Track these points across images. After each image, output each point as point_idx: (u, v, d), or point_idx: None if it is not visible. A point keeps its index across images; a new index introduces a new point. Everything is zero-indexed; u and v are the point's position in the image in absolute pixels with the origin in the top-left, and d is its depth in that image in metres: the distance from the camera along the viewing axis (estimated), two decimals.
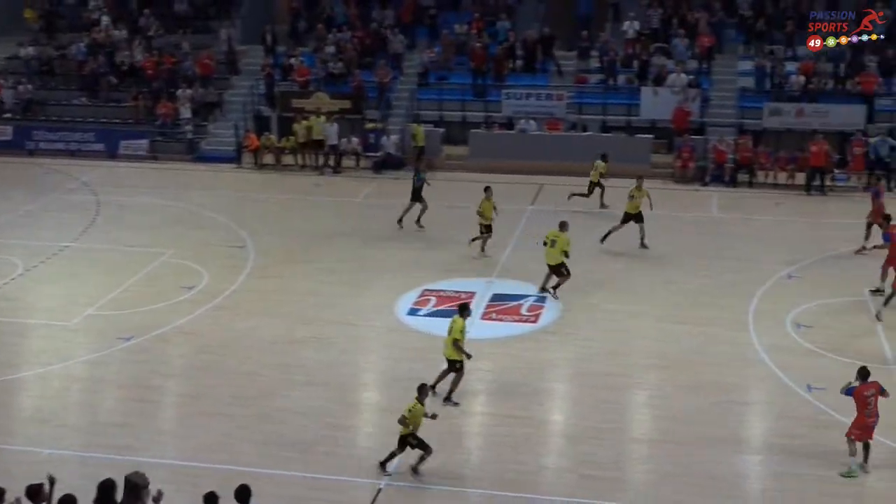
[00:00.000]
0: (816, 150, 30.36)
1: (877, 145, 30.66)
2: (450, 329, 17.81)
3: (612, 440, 16.83)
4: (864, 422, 15.66)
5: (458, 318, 17.82)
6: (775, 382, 18.78)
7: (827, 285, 23.12)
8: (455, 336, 17.65)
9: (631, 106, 34.45)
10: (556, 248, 22.25)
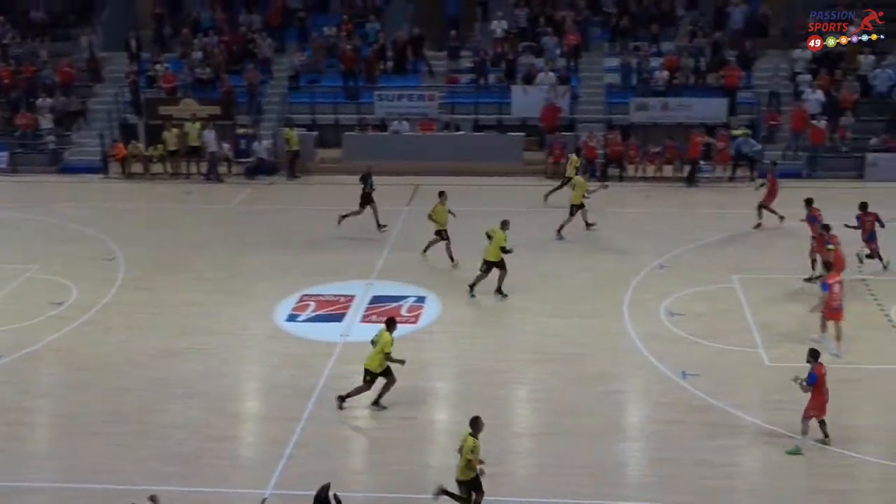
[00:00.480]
0: (697, 142, 31.27)
1: (739, 144, 31.71)
2: (374, 342, 17.54)
3: (496, 436, 16.87)
4: (822, 400, 16.25)
5: (385, 333, 17.47)
6: (651, 370, 19.23)
7: (696, 273, 23.78)
8: (385, 350, 17.36)
9: (502, 105, 34.82)
10: (492, 245, 22.20)
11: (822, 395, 16.27)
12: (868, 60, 33.51)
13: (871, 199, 24.47)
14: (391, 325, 17.73)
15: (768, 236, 26.43)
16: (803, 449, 16.18)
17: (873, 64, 33.46)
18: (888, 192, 26.80)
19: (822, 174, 31.43)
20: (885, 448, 16.45)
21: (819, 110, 32.23)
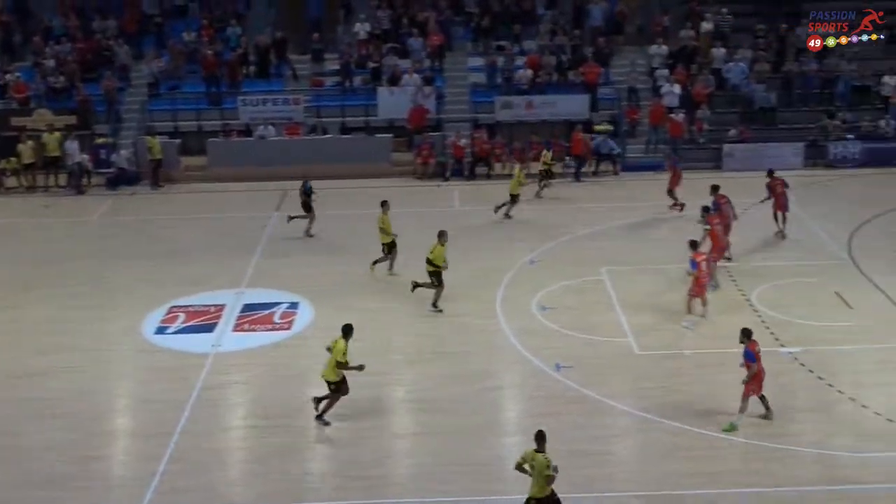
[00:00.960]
0: (578, 139, 31.78)
1: (598, 144, 32.38)
2: (329, 349, 17.19)
3: (374, 439, 16.89)
4: (761, 377, 16.81)
5: (340, 340, 17.06)
6: (526, 365, 19.45)
7: (567, 268, 24.16)
8: (337, 358, 16.98)
9: (368, 106, 34.74)
10: (431, 255, 21.81)
11: (759, 372, 16.88)
12: (720, 54, 34.67)
13: (729, 189, 25.32)
14: (347, 332, 17.22)
15: (634, 229, 27.06)
16: (738, 425, 16.74)
17: (725, 57, 34.62)
18: (745, 181, 27.72)
19: (682, 166, 32.26)
20: (752, 429, 17.00)
21: (677, 104, 33.19)
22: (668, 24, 36.13)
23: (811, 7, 36.50)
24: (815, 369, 18.85)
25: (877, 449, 16.23)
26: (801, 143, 32.39)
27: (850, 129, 32.94)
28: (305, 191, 26.86)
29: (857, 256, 24.43)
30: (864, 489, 15.23)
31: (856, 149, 32.24)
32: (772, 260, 24.19)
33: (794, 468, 15.85)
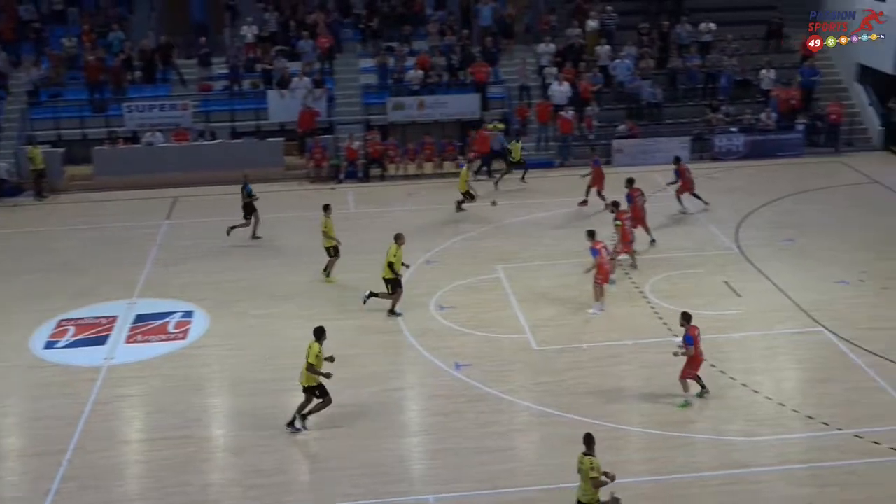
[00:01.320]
0: (484, 137, 31.88)
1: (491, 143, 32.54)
2: (306, 355, 16.89)
3: (274, 446, 16.70)
4: (700, 360, 17.40)
5: (314, 343, 16.82)
6: (426, 365, 19.48)
7: (463, 267, 24.27)
8: (309, 360, 16.70)
9: (259, 110, 34.31)
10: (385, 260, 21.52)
11: (699, 355, 17.34)
12: (606, 51, 35.26)
13: (619, 185, 25.79)
14: (319, 335, 16.97)
15: (528, 225, 27.32)
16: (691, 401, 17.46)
17: (612, 55, 35.23)
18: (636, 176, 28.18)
19: (574, 162, 32.79)
20: (649, 418, 17.35)
21: (566, 102, 33.62)
22: (556, 22, 36.58)
23: (693, 4, 37.61)
24: (707, 357, 19.26)
25: (767, 432, 16.73)
26: (687, 136, 33.16)
27: (734, 122, 33.86)
28: (247, 193, 26.52)
29: (745, 246, 25.12)
30: (757, 471, 15.68)
31: (739, 141, 33.14)
32: (663, 252, 24.69)
33: (691, 455, 16.22)
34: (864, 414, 17.17)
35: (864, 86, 34.85)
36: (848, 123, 34.04)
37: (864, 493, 14.99)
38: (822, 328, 20.41)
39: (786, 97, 33.95)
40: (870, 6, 33.48)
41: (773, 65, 35.00)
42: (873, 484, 15.24)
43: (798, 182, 30.29)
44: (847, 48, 35.23)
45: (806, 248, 24.97)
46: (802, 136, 33.34)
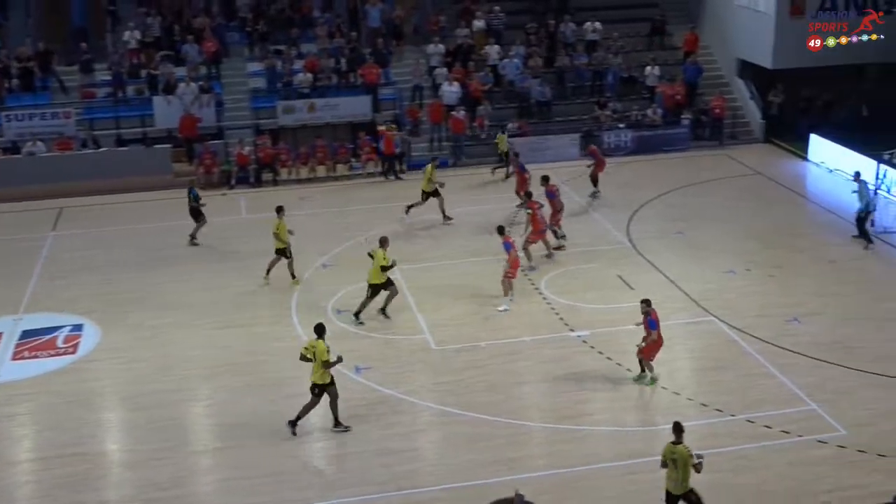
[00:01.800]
0: (389, 137, 31.74)
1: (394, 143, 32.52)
2: (307, 358, 16.82)
3: (172, 458, 16.36)
4: (660, 343, 18.07)
5: (319, 342, 16.74)
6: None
7: (360, 270, 24.06)
8: (322, 359, 16.57)
9: (144, 117, 33.54)
10: (374, 265, 21.12)
11: (659, 339, 17.97)
12: (495, 51, 35.52)
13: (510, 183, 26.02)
14: (321, 331, 16.92)
15: (425, 226, 27.31)
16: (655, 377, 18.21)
17: (500, 54, 35.50)
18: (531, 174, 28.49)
19: (467, 162, 32.97)
20: (548, 413, 17.53)
21: (457, 102, 33.77)
22: (444, 23, 36.70)
23: (579, 3, 38.17)
24: (603, 350, 19.62)
25: (664, 421, 16.99)
26: (577, 133, 33.64)
27: (621, 118, 34.47)
28: (193, 197, 26.14)
29: (636, 240, 25.58)
30: (654, 460, 15.90)
31: (627, 137, 33.75)
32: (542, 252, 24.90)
33: (589, 447, 16.46)
34: (754, 399, 17.66)
35: (745, 80, 35.87)
36: (731, 117, 34.97)
37: (756, 477, 15.42)
38: (712, 317, 20.92)
39: (671, 93, 34.72)
40: (745, 4, 34.58)
41: (658, 62, 35.76)
42: (764, 467, 15.69)
43: (685, 175, 31.01)
44: (726, 43, 36.31)
45: (694, 239, 25.56)
46: (688, 131, 34.15)
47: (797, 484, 15.24)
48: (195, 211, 26.22)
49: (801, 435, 16.52)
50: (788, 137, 33.89)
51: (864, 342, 19.76)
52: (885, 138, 28.78)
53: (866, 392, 17.85)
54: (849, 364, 18.79)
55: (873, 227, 25.50)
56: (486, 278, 22.90)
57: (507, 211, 26.77)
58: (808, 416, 17.08)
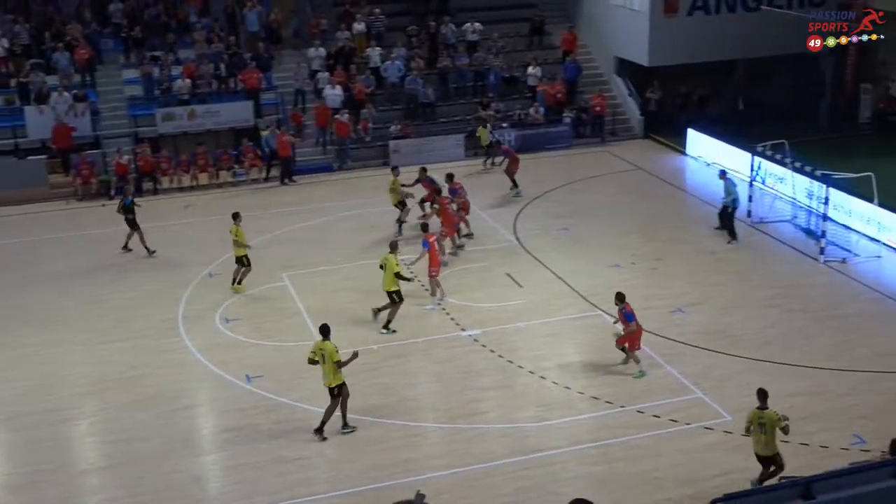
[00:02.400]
0: (285, 141, 31.34)
1: (267, 139, 32.14)
2: (315, 361, 16.73)
3: (58, 479, 15.82)
4: (639, 333, 18.60)
5: (326, 343, 16.58)
6: (215, 380, 18.98)
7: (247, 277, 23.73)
8: (334, 360, 16.41)
9: (16, 127, 32.39)
10: (386, 272, 20.60)
11: (640, 329, 18.53)
12: (375, 54, 35.45)
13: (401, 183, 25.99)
14: (326, 332, 16.77)
15: (311, 231, 27.07)
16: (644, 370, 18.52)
17: (382, 57, 35.45)
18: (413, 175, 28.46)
19: (353, 165, 32.83)
20: (443, 413, 17.55)
21: (340, 105, 33.58)
22: (325, 26, 36.46)
23: (459, 4, 38.40)
24: (495, 349, 19.75)
25: (557, 416, 17.28)
26: (461, 134, 33.82)
27: (504, 118, 34.79)
28: (125, 206, 25.45)
29: (523, 238, 25.83)
30: (550, 454, 16.15)
31: (511, 136, 34.06)
32: (447, 249, 25.03)
33: (484, 445, 16.52)
34: (643, 390, 18.01)
35: (623, 78, 36.60)
36: (611, 114, 35.63)
37: (649, 465, 15.71)
38: (600, 312, 21.25)
39: (552, 92, 35.19)
40: (621, 3, 35.28)
41: (538, 61, 36.20)
42: (656, 455, 16.01)
43: (568, 173, 31.47)
44: (604, 42, 36.99)
45: (580, 235, 25.95)
46: (570, 129, 34.66)
47: (687, 470, 15.59)
48: (131, 222, 25.59)
49: (688, 423, 16.91)
50: (667, 133, 34.74)
51: (745, 329, 20.35)
52: (759, 131, 29.70)
53: (749, 378, 18.33)
54: (731, 351, 19.33)
55: (749, 218, 26.33)
56: (374, 281, 22.85)
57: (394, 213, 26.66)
58: (694, 404, 17.50)
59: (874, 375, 18.25)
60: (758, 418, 14.56)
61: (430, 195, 26.67)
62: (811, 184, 25.59)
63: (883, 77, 35.78)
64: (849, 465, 13.13)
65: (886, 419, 16.60)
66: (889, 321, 20.67)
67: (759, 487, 9.03)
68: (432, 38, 36.76)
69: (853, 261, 23.67)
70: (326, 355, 16.55)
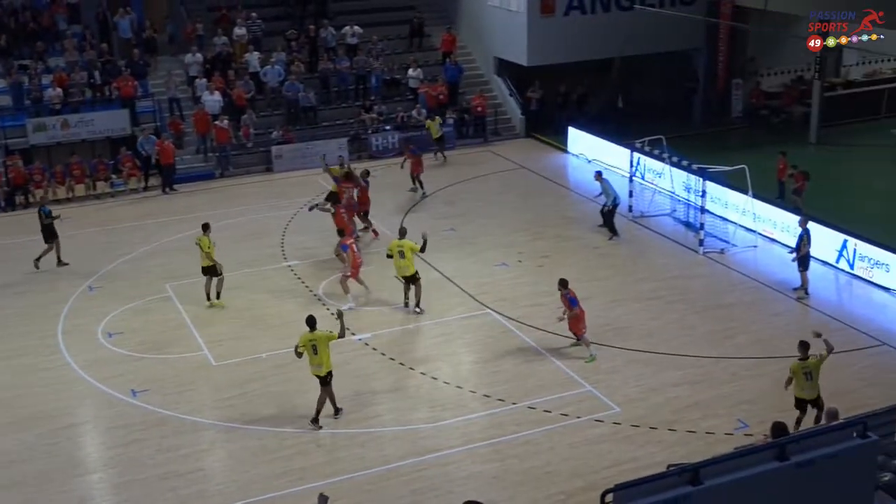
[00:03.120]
0: (166, 147, 30.63)
1: (142, 143, 31.36)
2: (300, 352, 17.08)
3: None
4: (583, 314, 19.17)
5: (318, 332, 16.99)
6: (99, 397, 18.46)
7: (129, 289, 23.21)
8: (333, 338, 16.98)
9: None
10: (406, 259, 21.03)
11: (583, 312, 19.16)
12: (254, 59, 35.00)
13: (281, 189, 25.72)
14: (313, 324, 17.08)
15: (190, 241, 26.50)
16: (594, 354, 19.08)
17: (262, 61, 35.02)
18: (296, 180, 28.30)
19: (235, 172, 32.35)
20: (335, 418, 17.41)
21: (220, 111, 33.04)
22: (202, 31, 35.84)
23: (337, 8, 38.23)
24: (386, 351, 19.72)
25: (450, 416, 17.34)
26: (345, 138, 33.66)
27: (387, 120, 34.78)
28: (44, 214, 24.55)
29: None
30: (444, 454, 16.20)
31: (395, 139, 34.07)
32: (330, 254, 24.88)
33: (378, 449, 16.47)
34: (534, 386, 18.22)
35: (504, 78, 36.98)
36: (493, 114, 35.95)
37: (542, 460, 15.90)
38: (489, 310, 21.43)
39: (434, 93, 35.31)
40: (498, 4, 35.63)
41: (419, 63, 36.29)
42: (549, 450, 16.21)
43: (453, 173, 31.63)
44: (483, 43, 37.31)
45: (466, 235, 26.11)
46: (453, 129, 34.83)
47: (580, 463, 15.83)
48: (48, 229, 24.72)
49: (579, 416, 17.17)
50: (548, 131, 35.24)
51: (630, 322, 20.78)
52: (637, 128, 30.37)
53: (635, 369, 18.77)
54: (618, 344, 19.72)
55: (630, 213, 26.91)
56: (259, 289, 22.62)
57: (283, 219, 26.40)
58: (584, 398, 17.79)
59: (754, 361, 18.85)
60: (802, 368, 15.76)
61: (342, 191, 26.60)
62: (688, 178, 26.30)
63: (752, 73, 37.06)
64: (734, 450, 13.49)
65: (768, 403, 17.17)
66: (766, 309, 21.39)
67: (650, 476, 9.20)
68: (312, 42, 36.50)
69: (731, 251, 24.41)
70: (320, 341, 16.86)
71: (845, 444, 9.87)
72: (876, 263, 22.16)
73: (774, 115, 36.38)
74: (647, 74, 36.02)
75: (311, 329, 17.03)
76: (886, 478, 12.31)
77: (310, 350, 16.94)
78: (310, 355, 16.99)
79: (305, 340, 16.98)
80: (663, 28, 33.68)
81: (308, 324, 17.10)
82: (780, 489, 9.45)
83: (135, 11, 35.79)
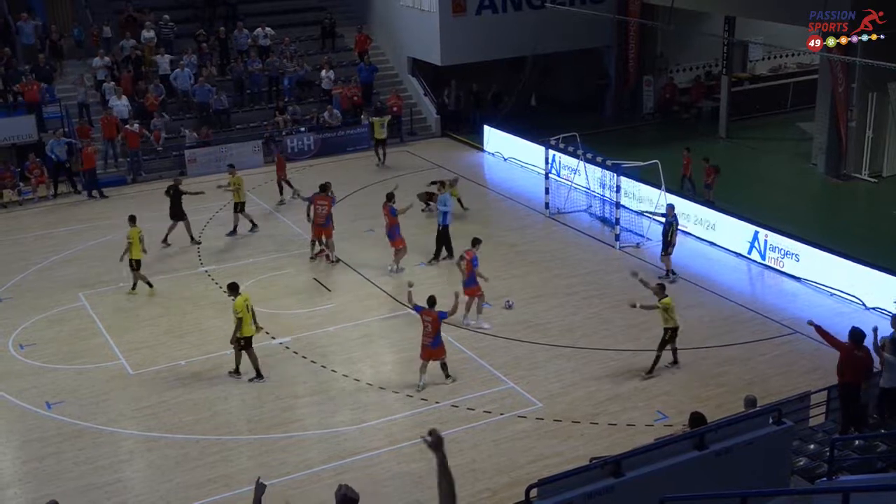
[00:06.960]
0: (88, 154, 30.04)
1: (52, 146, 30.60)
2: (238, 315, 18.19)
3: None
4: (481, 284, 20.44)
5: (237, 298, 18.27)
6: (12, 410, 17.99)
7: (40, 300, 22.66)
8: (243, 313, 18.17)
9: None
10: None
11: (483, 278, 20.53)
12: (164, 62, 34.43)
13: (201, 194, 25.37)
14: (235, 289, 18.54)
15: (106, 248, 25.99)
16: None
17: (171, 65, 34.47)
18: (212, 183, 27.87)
19: (147, 177, 31.79)
20: (257, 424, 17.25)
21: (129, 115, 32.40)
22: (109, 34, 35.13)
23: (248, 10, 37.83)
24: (307, 355, 19.60)
25: (373, 417, 17.31)
26: (259, 140, 33.32)
27: (301, 122, 34.54)
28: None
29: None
30: (368, 456, 16.16)
31: (310, 140, 33.86)
32: (247, 258, 24.65)
33: (302, 453, 16.37)
34: (456, 384, 18.27)
35: (418, 78, 37.01)
36: (408, 114, 35.93)
37: (467, 457, 15.97)
38: (409, 310, 21.38)
39: (348, 94, 35.16)
40: (410, 4, 35.65)
41: (332, 64, 36.11)
42: (473, 447, 16.29)
43: (370, 174, 31.54)
44: (396, 43, 37.30)
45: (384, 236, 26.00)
46: (368, 130, 34.73)
47: (504, 459, 15.93)
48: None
49: (502, 413, 17.28)
50: (464, 130, 35.39)
51: (549, 318, 20.98)
52: (551, 125, 30.65)
53: (556, 364, 18.96)
54: (538, 340, 19.91)
55: (548, 210, 27.17)
56: (175, 296, 22.31)
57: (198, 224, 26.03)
58: (506, 394, 17.92)
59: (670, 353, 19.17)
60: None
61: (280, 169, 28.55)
62: (603, 173, 26.64)
63: (662, 69, 37.69)
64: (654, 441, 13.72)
65: (685, 393, 17.50)
66: (680, 300, 21.75)
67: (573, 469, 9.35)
68: (223, 44, 36.06)
69: (646, 245, 24.80)
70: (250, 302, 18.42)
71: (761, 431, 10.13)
72: (786, 254, 22.75)
73: (685, 110, 37.09)
74: (560, 72, 36.38)
75: (236, 294, 18.36)
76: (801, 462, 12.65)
77: (246, 311, 18.16)
78: (246, 316, 18.19)
79: (239, 305, 18.13)
80: (574, 26, 34.08)
81: (232, 289, 18.54)
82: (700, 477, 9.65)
83: (38, 15, 34.92)
